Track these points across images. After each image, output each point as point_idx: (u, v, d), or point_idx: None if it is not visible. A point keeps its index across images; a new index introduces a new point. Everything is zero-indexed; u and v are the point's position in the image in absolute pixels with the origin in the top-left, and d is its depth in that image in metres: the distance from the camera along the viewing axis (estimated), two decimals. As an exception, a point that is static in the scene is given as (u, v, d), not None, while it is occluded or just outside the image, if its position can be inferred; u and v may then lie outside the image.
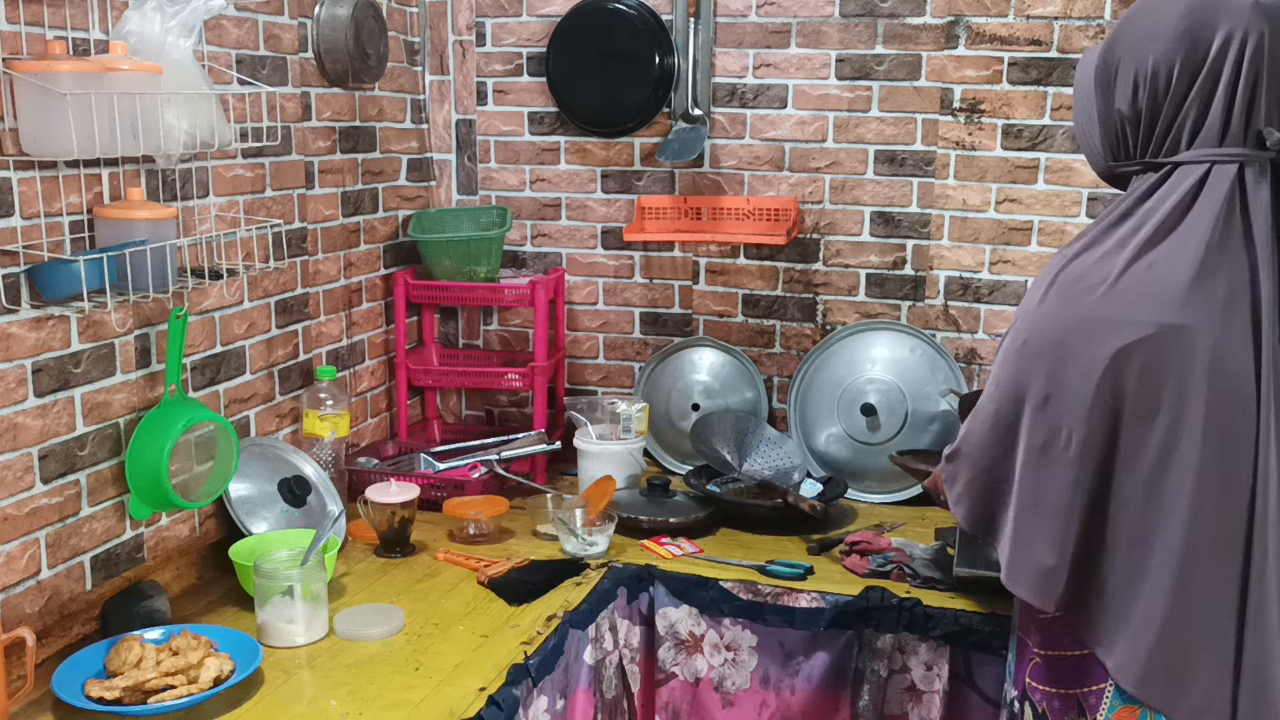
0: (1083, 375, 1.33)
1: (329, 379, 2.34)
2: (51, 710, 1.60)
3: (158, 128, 1.69)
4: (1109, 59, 1.41)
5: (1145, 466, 1.32)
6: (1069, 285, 1.38)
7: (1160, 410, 1.30)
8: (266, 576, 1.80)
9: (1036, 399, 1.38)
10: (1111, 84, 1.40)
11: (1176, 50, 1.33)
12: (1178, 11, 1.33)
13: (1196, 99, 1.33)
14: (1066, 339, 1.35)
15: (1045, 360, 1.37)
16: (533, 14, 2.81)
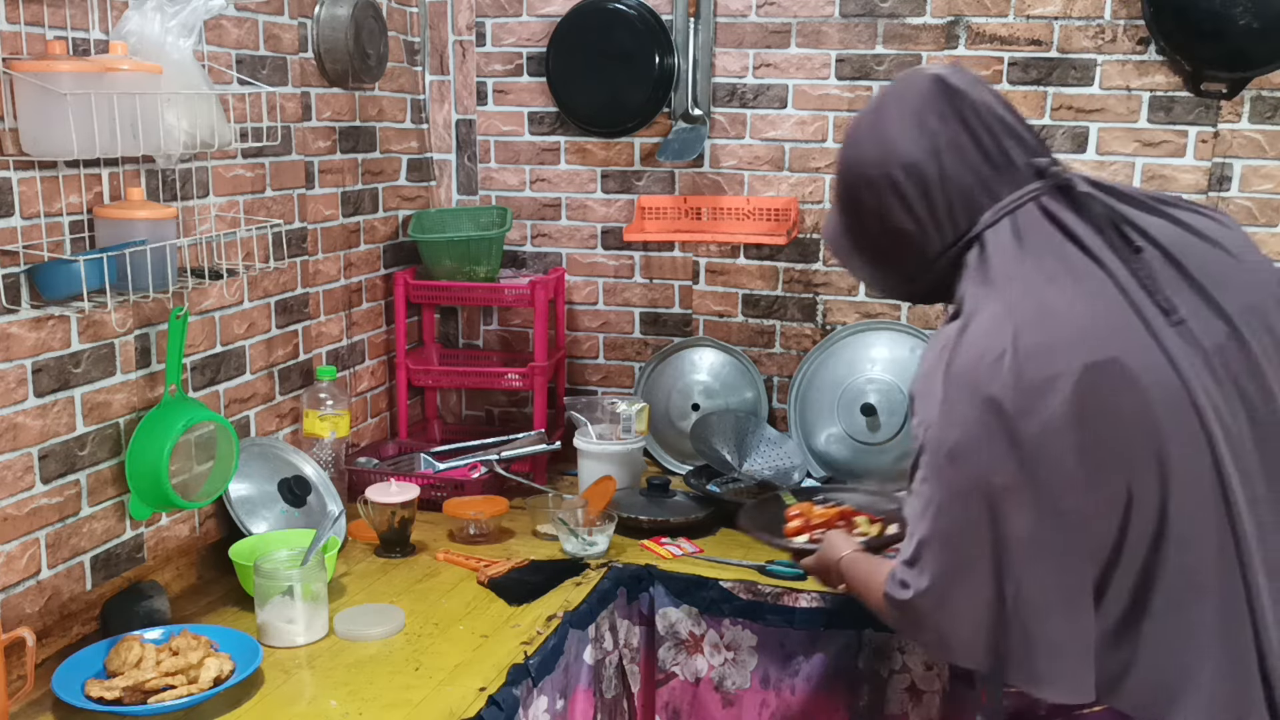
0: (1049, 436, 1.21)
1: (329, 379, 2.34)
2: (51, 710, 1.60)
3: (158, 128, 1.69)
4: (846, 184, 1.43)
5: (1146, 512, 1.23)
6: (970, 368, 1.25)
7: (1133, 452, 1.22)
8: (266, 576, 1.80)
9: (1003, 489, 1.23)
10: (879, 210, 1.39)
11: (911, 146, 1.35)
12: (889, 110, 1.38)
13: (959, 169, 1.34)
14: (1008, 415, 1.21)
15: (993, 446, 1.22)
16: (533, 14, 2.81)
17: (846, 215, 1.45)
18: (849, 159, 1.42)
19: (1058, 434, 1.21)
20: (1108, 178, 2.53)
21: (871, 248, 1.45)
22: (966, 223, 1.35)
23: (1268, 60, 2.36)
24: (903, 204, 1.36)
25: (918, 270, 1.41)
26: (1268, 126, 2.43)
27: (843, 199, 1.45)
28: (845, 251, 1.50)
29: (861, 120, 1.43)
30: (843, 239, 1.48)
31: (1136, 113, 2.51)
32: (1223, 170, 2.47)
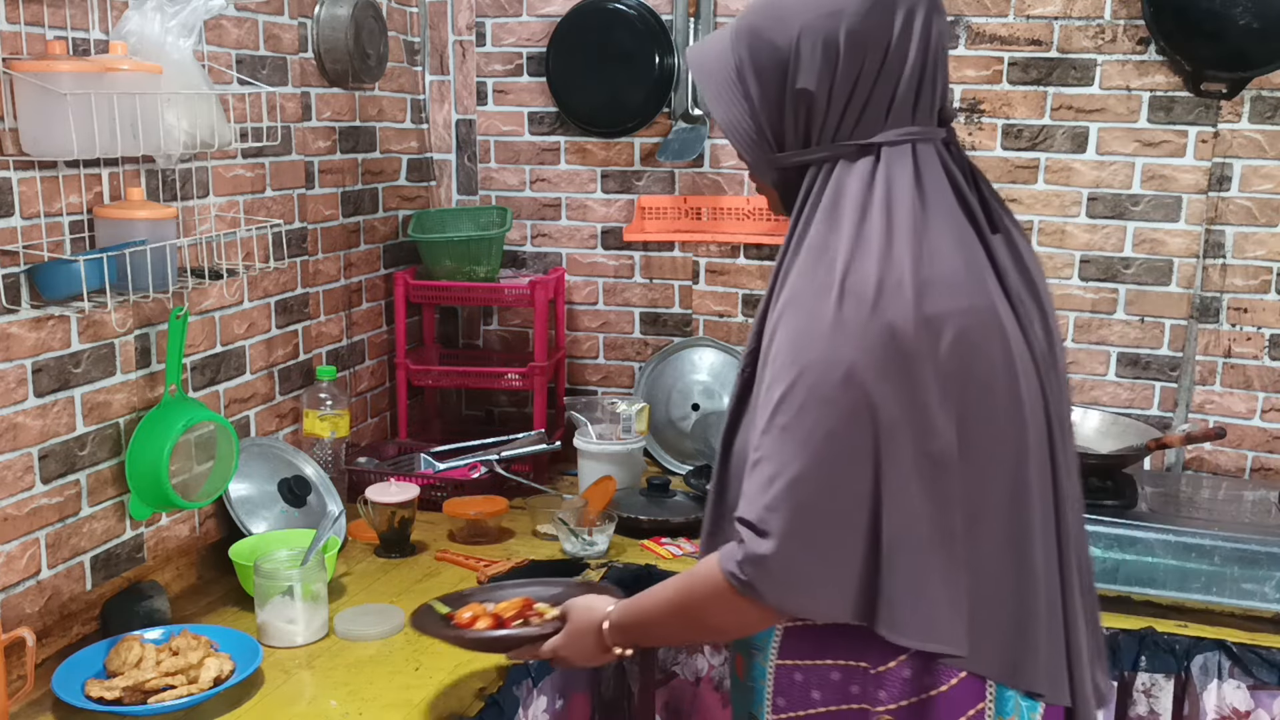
0: (937, 374, 1.18)
1: (329, 379, 2.34)
2: (51, 710, 1.60)
3: (158, 128, 1.69)
4: (778, 36, 1.25)
5: (1007, 465, 1.23)
6: (870, 290, 1.18)
7: (999, 394, 1.22)
8: (266, 576, 1.80)
9: (892, 422, 1.17)
10: (789, 62, 1.25)
11: (868, 23, 1.22)
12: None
13: (891, 74, 1.24)
14: (905, 344, 1.17)
15: (889, 374, 1.17)
16: (533, 14, 2.81)
17: (751, 49, 1.29)
18: (798, 3, 1.27)
19: (945, 374, 1.18)
20: (1106, 178, 2.54)
21: (761, 96, 1.30)
22: (872, 126, 1.26)
23: (1268, 60, 2.36)
24: (828, 68, 1.24)
25: (795, 142, 1.28)
26: (1268, 126, 2.43)
27: (755, 31, 1.29)
28: (722, 85, 1.32)
29: None
30: (728, 72, 1.31)
31: (1136, 113, 2.51)
32: (1223, 170, 2.47)
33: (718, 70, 1.31)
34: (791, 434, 1.17)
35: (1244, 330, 2.51)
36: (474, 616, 1.62)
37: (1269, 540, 2.03)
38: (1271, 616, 2.00)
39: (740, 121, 1.31)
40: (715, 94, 1.32)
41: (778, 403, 1.18)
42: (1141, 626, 1.99)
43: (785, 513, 1.16)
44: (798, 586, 1.19)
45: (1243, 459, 2.54)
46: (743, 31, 1.30)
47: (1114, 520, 2.09)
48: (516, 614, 1.62)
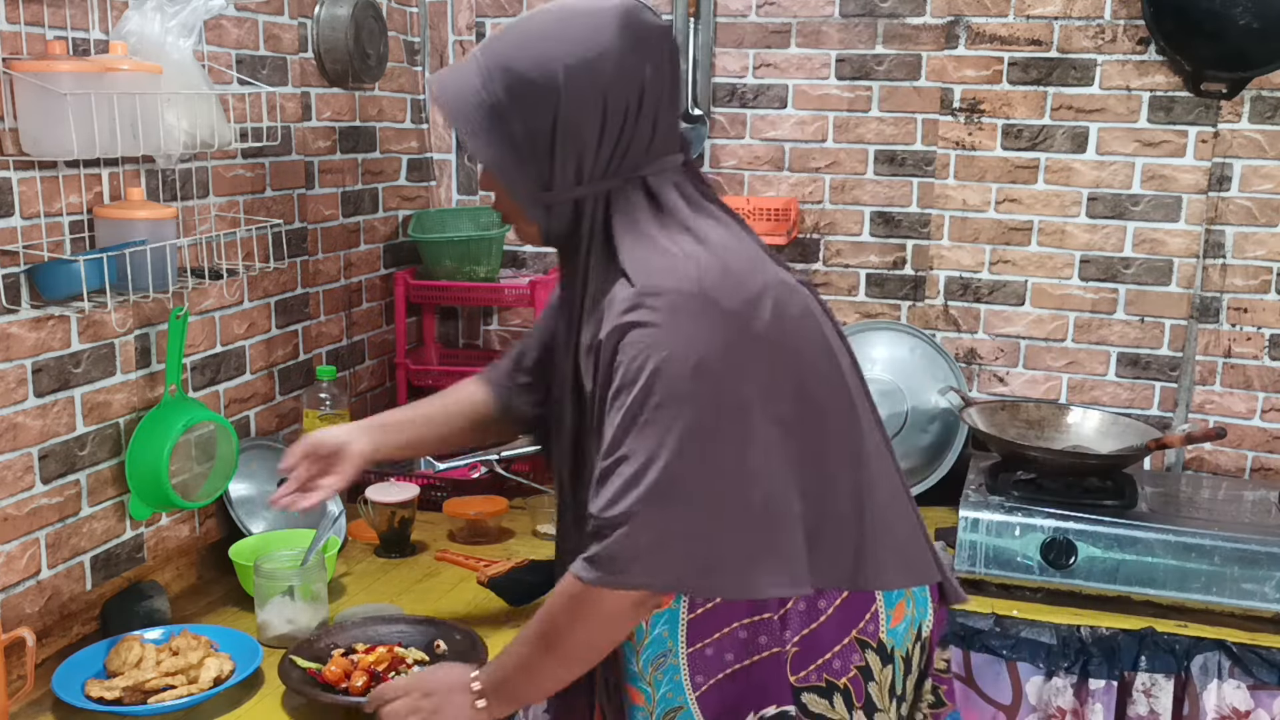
0: (770, 346, 1.28)
1: (329, 379, 2.34)
2: (51, 710, 1.60)
3: (158, 128, 1.69)
4: (539, 76, 1.29)
5: (841, 421, 1.36)
6: (695, 285, 1.26)
7: (820, 351, 1.35)
8: (266, 576, 1.80)
9: (743, 397, 1.26)
10: (556, 103, 1.29)
11: (629, 63, 1.30)
12: (614, 25, 1.30)
13: (650, 111, 1.32)
14: (738, 325, 1.26)
15: (737, 355, 1.26)
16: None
17: (510, 89, 1.30)
18: (551, 42, 1.31)
19: (775, 343, 1.28)
20: (1106, 178, 2.54)
21: (527, 136, 1.31)
22: (639, 159, 1.34)
23: (1268, 60, 2.36)
24: (598, 109, 1.30)
25: (565, 180, 1.32)
26: (1268, 126, 2.43)
27: (513, 71, 1.30)
28: (480, 125, 1.32)
29: (579, 14, 1.33)
30: (484, 111, 1.32)
31: (1136, 113, 2.51)
32: (1223, 170, 2.47)
33: (473, 110, 1.32)
34: (652, 429, 1.23)
35: (1244, 330, 2.51)
36: (342, 671, 1.62)
37: (1269, 540, 2.03)
38: (1271, 616, 2.00)
39: (507, 162, 1.33)
40: (474, 133, 1.33)
41: (631, 405, 1.24)
42: (1141, 626, 1.99)
43: (648, 503, 1.23)
44: (638, 571, 1.25)
45: (1243, 459, 2.54)
46: (495, 70, 1.31)
47: (1114, 520, 2.09)
48: (388, 666, 1.65)
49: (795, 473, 1.30)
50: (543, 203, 1.34)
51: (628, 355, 1.25)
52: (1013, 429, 2.42)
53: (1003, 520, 2.11)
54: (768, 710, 1.34)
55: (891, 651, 1.39)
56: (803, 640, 1.35)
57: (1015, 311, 2.65)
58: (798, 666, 1.35)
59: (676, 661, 1.36)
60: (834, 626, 1.35)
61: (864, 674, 1.37)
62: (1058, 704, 2.02)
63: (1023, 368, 2.67)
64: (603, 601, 1.28)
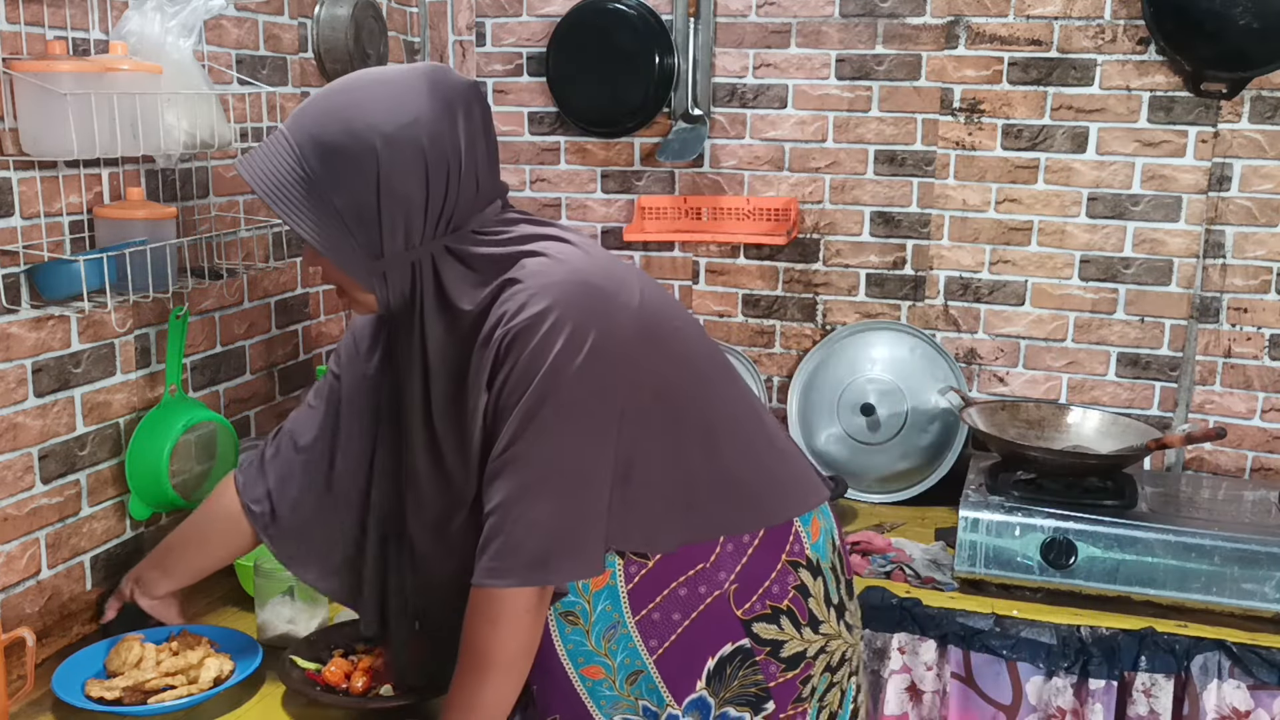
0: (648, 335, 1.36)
1: (329, 379, 2.34)
2: (51, 710, 1.60)
3: (158, 128, 1.69)
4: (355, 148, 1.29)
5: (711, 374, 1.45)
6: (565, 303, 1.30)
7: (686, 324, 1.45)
8: (266, 576, 1.80)
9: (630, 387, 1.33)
10: (376, 174, 1.29)
11: (441, 126, 1.32)
12: (422, 88, 1.32)
13: (471, 166, 1.35)
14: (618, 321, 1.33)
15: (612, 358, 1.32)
16: (533, 14, 2.81)
17: (326, 163, 1.30)
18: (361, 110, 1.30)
19: (651, 330, 1.35)
20: (1106, 178, 2.54)
21: (350, 208, 1.31)
22: (468, 213, 1.36)
23: (1268, 60, 2.36)
24: (420, 174, 1.31)
25: (395, 244, 1.33)
26: (1268, 126, 2.43)
27: (325, 145, 1.30)
28: (301, 204, 1.31)
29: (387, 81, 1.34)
30: (302, 189, 1.31)
31: (1136, 113, 2.51)
32: (1223, 170, 2.47)
33: (290, 189, 1.31)
34: (540, 425, 1.28)
35: (1244, 330, 2.51)
36: (342, 672, 1.64)
37: (1269, 540, 2.03)
38: (1271, 616, 2.00)
39: (334, 236, 1.32)
40: (295, 212, 1.31)
41: (521, 403, 1.28)
42: (1141, 626, 1.99)
43: (540, 498, 1.29)
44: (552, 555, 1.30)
45: (1243, 459, 2.54)
46: (307, 145, 1.31)
47: (1114, 520, 2.09)
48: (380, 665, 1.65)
49: (674, 442, 1.36)
50: (376, 271, 1.35)
51: (525, 350, 1.29)
52: (1013, 429, 2.42)
53: (1003, 520, 2.11)
54: (724, 649, 1.40)
55: (819, 565, 1.46)
56: (739, 575, 1.40)
57: (1015, 311, 2.65)
58: (740, 601, 1.40)
59: (627, 631, 1.41)
60: (764, 556, 1.41)
61: (801, 592, 1.43)
62: (1058, 704, 2.02)
63: (1023, 368, 2.67)
64: (516, 599, 1.32)
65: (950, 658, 2.07)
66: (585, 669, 1.43)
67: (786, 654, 1.42)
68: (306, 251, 1.39)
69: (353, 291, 1.39)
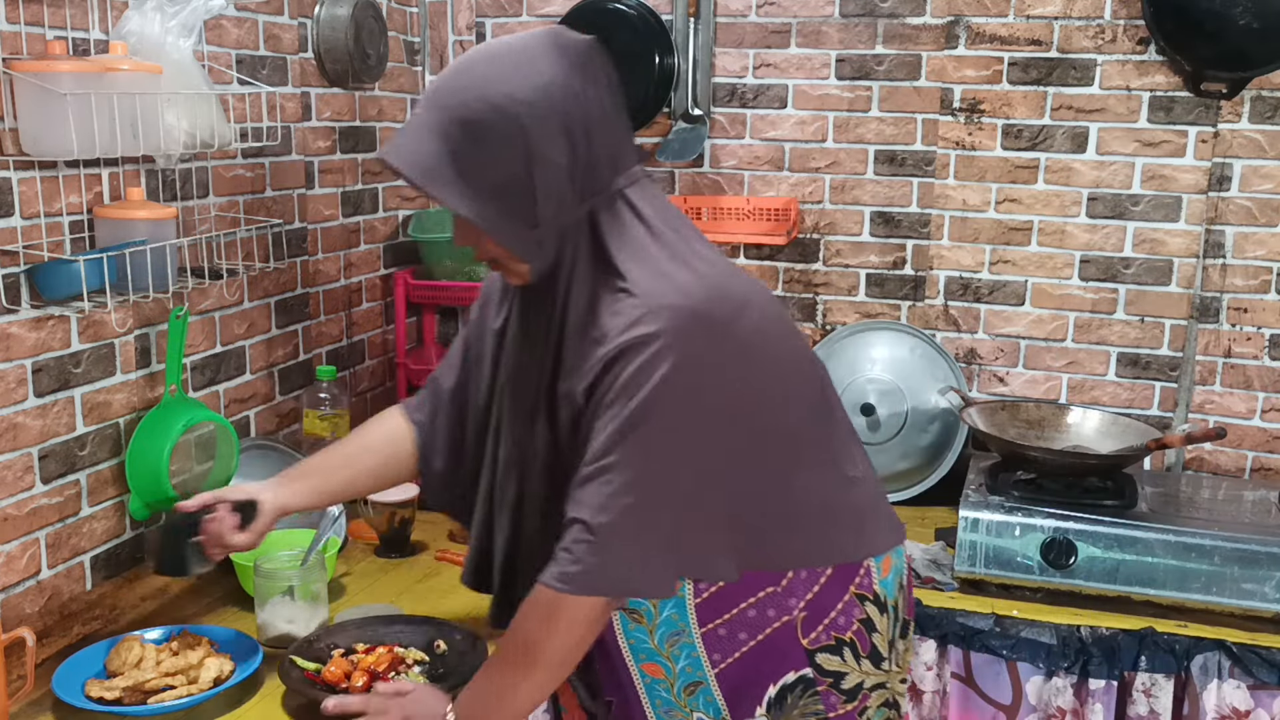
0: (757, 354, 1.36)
1: (329, 379, 2.34)
2: (51, 710, 1.60)
3: (158, 128, 1.69)
4: (500, 123, 1.29)
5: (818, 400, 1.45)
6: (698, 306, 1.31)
7: (796, 348, 1.46)
8: (266, 576, 1.80)
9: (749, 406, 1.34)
10: (526, 147, 1.30)
11: (576, 86, 1.33)
12: (549, 51, 1.35)
13: (607, 125, 1.35)
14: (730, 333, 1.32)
15: (723, 368, 1.32)
16: (533, 14, 2.81)
17: (476, 142, 1.30)
18: (497, 84, 1.31)
19: (763, 353, 1.35)
20: (1106, 178, 2.54)
21: (503, 185, 1.32)
22: (609, 176, 1.36)
23: (1268, 60, 2.36)
24: (566, 142, 1.31)
25: (549, 213, 1.33)
26: (1268, 126, 2.43)
27: (471, 124, 1.29)
28: (453, 185, 1.31)
29: (514, 50, 1.36)
30: (454, 171, 1.31)
31: (1136, 113, 2.51)
32: (1223, 170, 2.47)
33: (442, 170, 1.30)
34: (643, 440, 1.28)
35: (1244, 330, 2.51)
36: (342, 672, 1.63)
37: (1269, 540, 2.03)
38: (1271, 616, 2.00)
39: (490, 212, 1.32)
40: (449, 192, 1.31)
41: (626, 415, 1.27)
42: (1141, 626, 1.99)
43: (633, 514, 1.28)
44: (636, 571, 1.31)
45: (1243, 459, 2.54)
46: (451, 125, 1.30)
47: (1114, 520, 2.09)
48: (388, 666, 1.66)
49: (765, 473, 1.36)
50: (533, 240, 1.34)
51: (629, 367, 1.28)
52: (1013, 429, 2.42)
53: (1003, 520, 2.11)
54: (787, 677, 1.41)
55: (885, 601, 1.46)
56: (808, 604, 1.40)
57: (1015, 311, 2.65)
58: (807, 630, 1.41)
59: (691, 640, 1.41)
60: (834, 586, 1.41)
61: (866, 626, 1.44)
62: (1058, 704, 2.02)
63: (1023, 368, 2.67)
64: (580, 607, 1.32)
65: (950, 658, 2.06)
66: (645, 665, 1.44)
67: (847, 685, 1.43)
68: (458, 231, 1.39)
69: (508, 263, 1.38)
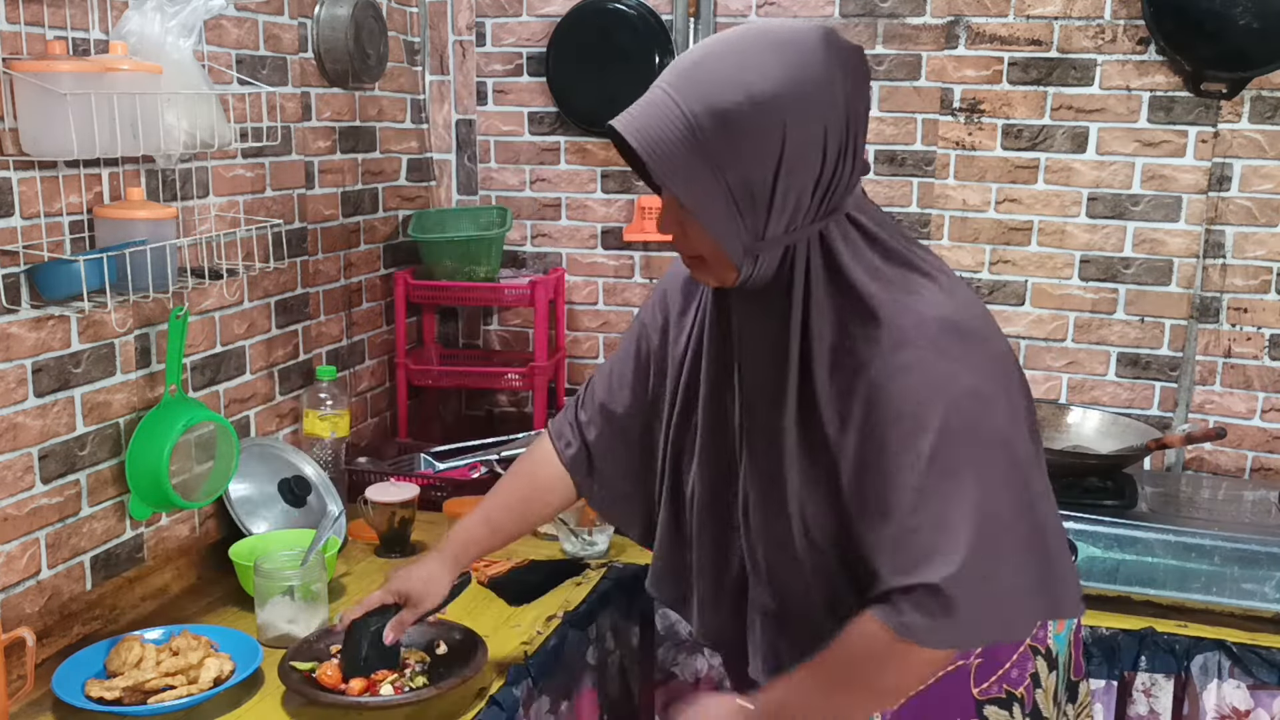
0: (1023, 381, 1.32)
1: (329, 379, 2.34)
2: (51, 710, 1.60)
3: (158, 128, 1.69)
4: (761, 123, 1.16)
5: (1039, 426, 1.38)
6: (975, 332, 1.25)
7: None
8: (266, 576, 1.80)
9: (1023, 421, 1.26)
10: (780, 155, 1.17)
11: (841, 95, 1.19)
12: (823, 52, 1.19)
13: (855, 141, 1.22)
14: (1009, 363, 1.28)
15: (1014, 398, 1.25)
16: (533, 14, 2.81)
17: (731, 139, 1.17)
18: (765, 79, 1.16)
19: (1015, 365, 1.30)
20: (1106, 178, 2.54)
21: (746, 187, 1.19)
22: (848, 193, 1.24)
23: (1268, 60, 2.36)
24: (818, 155, 1.19)
25: (779, 225, 1.21)
26: (1268, 126, 2.43)
27: (728, 119, 1.16)
28: (694, 177, 1.18)
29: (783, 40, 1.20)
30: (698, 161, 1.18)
31: (1136, 113, 2.51)
32: (1223, 170, 2.47)
33: (684, 158, 1.17)
34: (958, 475, 1.17)
35: (1244, 330, 2.51)
36: (340, 673, 1.62)
37: (1269, 540, 2.03)
38: (1271, 616, 2.00)
39: (719, 214, 1.19)
40: (683, 183, 1.18)
41: (931, 452, 1.17)
42: (1141, 626, 1.99)
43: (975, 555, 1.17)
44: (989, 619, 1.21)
45: (1243, 459, 2.54)
46: (702, 111, 1.16)
47: (1114, 520, 2.09)
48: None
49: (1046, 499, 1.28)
50: (753, 251, 1.22)
51: (910, 399, 1.18)
52: (1013, 429, 2.42)
53: (1003, 520, 2.11)
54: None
55: (1055, 657, 1.39)
56: (985, 651, 1.32)
57: (1015, 311, 2.65)
58: (980, 679, 1.33)
59: None
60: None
61: (1034, 680, 1.36)
62: (1058, 704, 2.02)
63: (1023, 367, 2.67)
64: (923, 654, 1.22)
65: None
66: None
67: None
68: (668, 217, 1.26)
69: (715, 265, 1.25)
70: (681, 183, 1.18)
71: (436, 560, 1.62)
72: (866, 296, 1.22)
